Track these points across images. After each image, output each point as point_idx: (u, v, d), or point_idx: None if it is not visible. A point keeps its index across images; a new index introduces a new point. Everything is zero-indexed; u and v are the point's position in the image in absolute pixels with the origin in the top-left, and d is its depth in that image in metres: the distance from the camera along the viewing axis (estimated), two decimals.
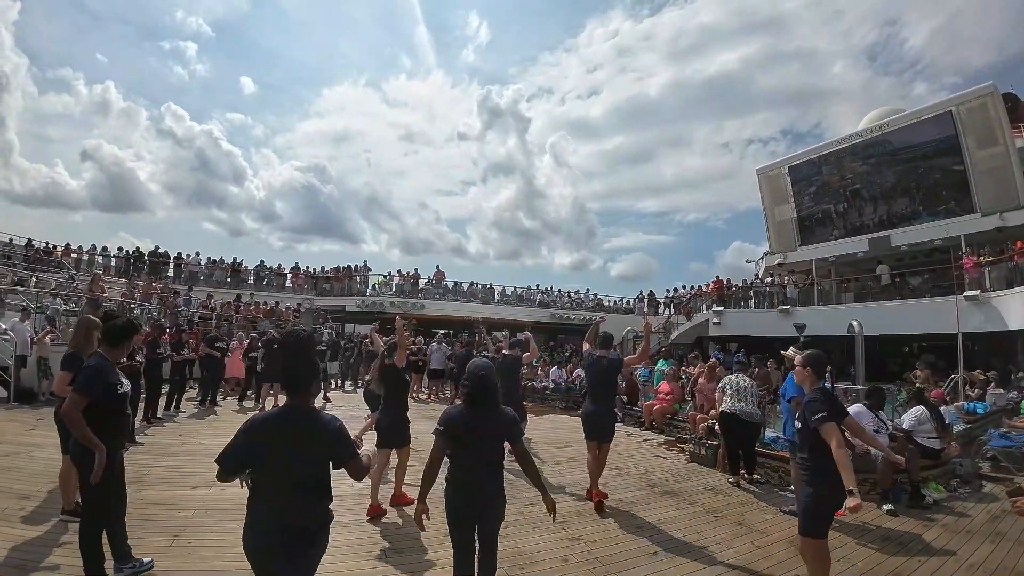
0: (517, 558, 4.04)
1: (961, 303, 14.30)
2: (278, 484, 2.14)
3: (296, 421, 2.20)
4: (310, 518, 2.17)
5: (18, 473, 5.39)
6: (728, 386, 6.75)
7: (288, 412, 2.24)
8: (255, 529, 2.14)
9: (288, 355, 2.38)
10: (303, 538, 2.14)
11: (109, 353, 3.42)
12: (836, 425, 3.17)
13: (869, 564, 4.21)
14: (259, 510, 2.15)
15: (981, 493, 6.37)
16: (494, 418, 2.94)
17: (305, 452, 2.16)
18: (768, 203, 24.31)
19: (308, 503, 2.18)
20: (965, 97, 17.44)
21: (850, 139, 20.97)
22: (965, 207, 17.47)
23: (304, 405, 2.27)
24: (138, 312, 14.91)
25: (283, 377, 2.38)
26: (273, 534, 2.11)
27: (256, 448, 2.16)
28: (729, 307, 22.11)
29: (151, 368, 8.42)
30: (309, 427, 2.20)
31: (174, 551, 3.77)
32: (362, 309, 23.98)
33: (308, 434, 2.18)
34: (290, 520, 2.12)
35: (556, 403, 13.08)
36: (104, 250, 21.88)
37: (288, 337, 2.49)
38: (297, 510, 2.14)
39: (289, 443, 2.14)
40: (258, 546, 2.13)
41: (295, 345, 2.39)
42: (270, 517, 2.12)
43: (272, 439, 2.15)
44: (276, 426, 2.20)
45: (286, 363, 2.38)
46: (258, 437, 2.17)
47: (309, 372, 2.35)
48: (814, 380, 3.47)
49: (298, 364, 2.32)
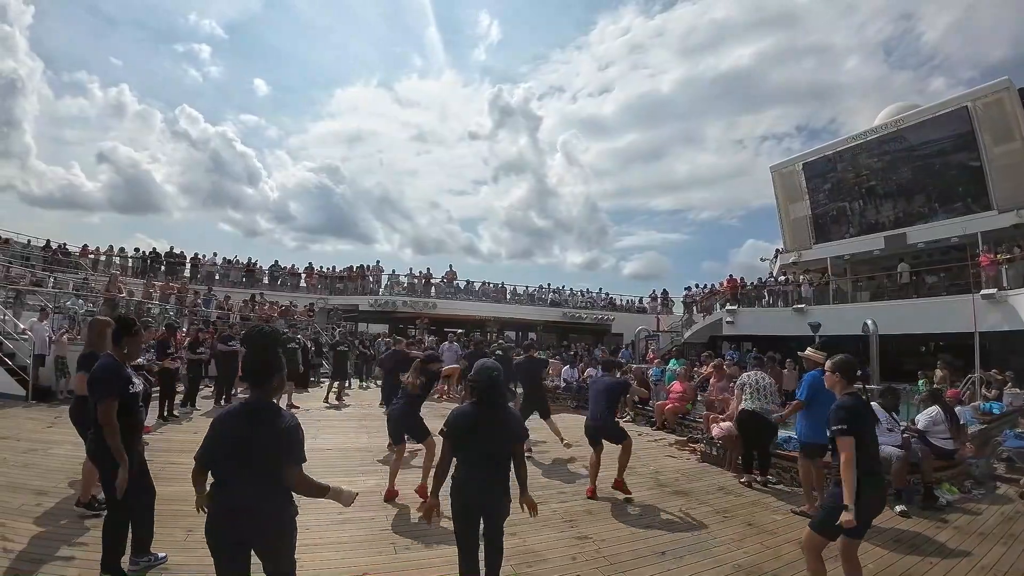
0: (526, 556, 4.06)
1: (978, 302, 14.10)
2: (233, 472, 2.24)
3: (255, 415, 2.29)
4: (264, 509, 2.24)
5: (36, 469, 5.50)
6: (747, 384, 6.66)
7: (246, 406, 2.34)
8: (212, 516, 2.26)
9: (252, 350, 2.47)
10: (257, 528, 2.24)
11: (116, 352, 3.50)
12: (853, 441, 3.09)
13: (881, 565, 4.18)
14: (217, 497, 2.27)
15: (995, 494, 6.29)
16: (502, 417, 2.98)
17: (262, 445, 2.23)
18: (782, 201, 24.15)
19: (263, 494, 2.24)
20: (981, 92, 17.25)
21: (865, 135, 20.80)
22: (982, 204, 17.29)
23: (265, 399, 2.36)
24: (156, 312, 15.12)
25: (246, 371, 2.47)
26: (228, 519, 2.22)
27: (219, 441, 2.27)
28: (743, 306, 21.97)
29: (164, 368, 8.55)
30: (268, 421, 2.28)
31: (188, 546, 3.83)
32: (375, 308, 24.14)
33: (267, 428, 2.27)
34: (243, 506, 2.20)
35: (567, 402, 13.05)
36: (121, 251, 22.20)
37: (252, 332, 2.57)
38: (251, 500, 2.21)
39: (247, 435, 2.23)
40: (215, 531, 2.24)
41: (259, 340, 2.47)
42: (226, 503, 2.23)
43: (232, 431, 2.25)
44: (237, 419, 2.30)
45: (249, 357, 2.50)
46: (221, 430, 2.28)
47: (272, 367, 2.42)
48: (844, 385, 3.40)
49: (261, 359, 2.41)
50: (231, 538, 2.23)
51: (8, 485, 4.92)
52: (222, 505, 2.25)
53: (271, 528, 2.28)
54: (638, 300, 30.77)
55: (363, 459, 6.77)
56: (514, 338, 24.30)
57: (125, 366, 3.49)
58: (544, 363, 7.60)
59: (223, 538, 2.24)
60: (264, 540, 2.27)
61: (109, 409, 3.18)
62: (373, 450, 7.23)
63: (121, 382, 3.33)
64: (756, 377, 6.69)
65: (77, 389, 4.21)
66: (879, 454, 3.37)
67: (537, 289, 28.47)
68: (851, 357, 3.56)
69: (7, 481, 5.00)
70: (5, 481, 5.04)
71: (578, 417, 11.18)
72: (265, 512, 2.25)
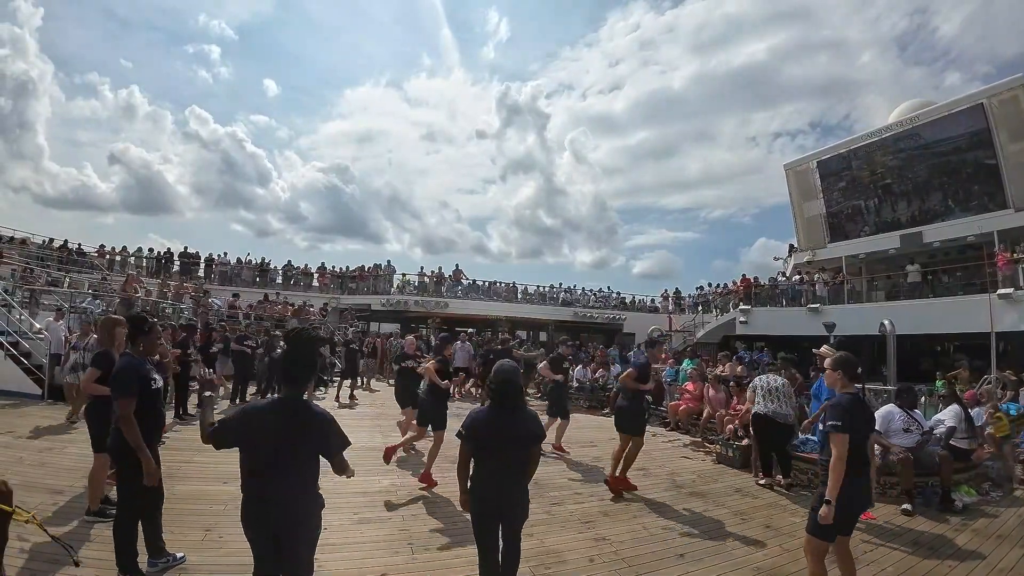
0: (544, 557, 4.05)
1: (994, 301, 13.92)
2: (271, 466, 2.29)
3: (291, 411, 2.37)
4: (296, 501, 2.33)
5: (51, 468, 5.54)
6: (759, 387, 6.60)
7: (284, 402, 2.42)
8: (246, 506, 2.33)
9: (297, 351, 2.54)
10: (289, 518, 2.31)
11: (134, 351, 3.55)
12: (846, 438, 3.11)
13: (899, 568, 4.13)
14: (249, 488, 2.33)
15: (1013, 496, 6.21)
16: (519, 418, 2.96)
17: (296, 441, 2.33)
18: (796, 199, 23.92)
19: (298, 487, 2.33)
20: (997, 89, 17.01)
21: (880, 133, 20.57)
22: (998, 202, 17.05)
23: (300, 397, 2.46)
24: (170, 311, 15.22)
25: (286, 370, 2.53)
26: (261, 512, 2.30)
27: (248, 431, 2.34)
28: (756, 306, 21.81)
29: (180, 366, 8.60)
30: (303, 418, 2.38)
31: (206, 545, 3.85)
32: (387, 308, 24.21)
33: (305, 422, 2.37)
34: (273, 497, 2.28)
35: (580, 402, 13.01)
36: (138, 251, 22.40)
37: (297, 334, 2.63)
38: (285, 491, 2.30)
39: (281, 432, 2.30)
40: (249, 520, 2.32)
41: (304, 342, 2.57)
42: (258, 494, 2.30)
43: (269, 425, 2.32)
44: (271, 414, 2.36)
45: (293, 358, 2.54)
46: (252, 421, 2.36)
47: (313, 367, 2.60)
48: (845, 383, 3.40)
49: (305, 359, 2.55)
50: (266, 528, 2.30)
51: (24, 484, 4.93)
52: (256, 495, 2.31)
53: (303, 520, 2.35)
54: (650, 300, 30.70)
55: (378, 459, 6.75)
56: (525, 337, 24.29)
57: (145, 363, 3.52)
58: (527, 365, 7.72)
59: (259, 528, 2.31)
60: (295, 532, 2.32)
61: (127, 406, 3.23)
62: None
63: (141, 380, 3.37)
64: (767, 380, 6.62)
65: (86, 387, 4.24)
66: (868, 453, 3.40)
67: (548, 288, 28.48)
68: (851, 355, 3.57)
69: (23, 480, 5.02)
70: (21, 480, 5.05)
71: (591, 417, 11.22)
72: (300, 504, 2.33)
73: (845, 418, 3.15)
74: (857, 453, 3.17)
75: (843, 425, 3.13)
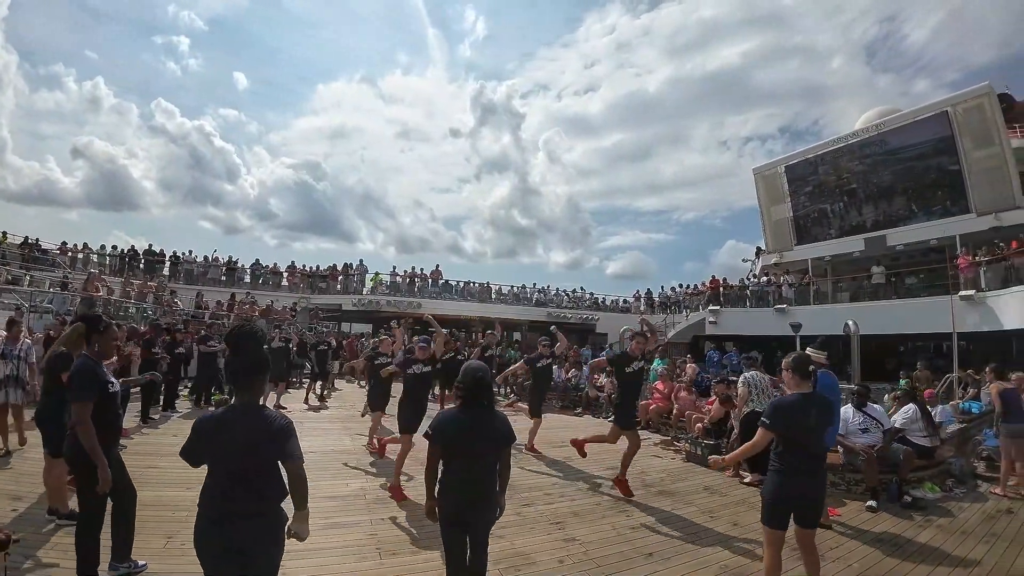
0: (514, 559, 4.03)
1: (956, 303, 14.35)
2: (221, 480, 2.17)
3: (244, 418, 2.22)
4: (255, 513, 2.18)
5: (10, 473, 5.37)
6: (752, 384, 6.62)
7: (236, 410, 2.26)
8: (200, 525, 2.18)
9: (238, 350, 2.35)
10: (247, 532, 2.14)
11: (91, 352, 3.44)
12: (768, 434, 3.37)
13: (865, 564, 4.22)
14: (204, 505, 2.19)
15: (976, 493, 6.38)
16: (489, 421, 2.91)
17: (252, 452, 2.17)
18: (765, 202, 24.34)
19: (257, 501, 2.19)
20: (961, 97, 17.49)
21: (846, 139, 21.02)
22: (961, 207, 17.53)
23: (253, 402, 2.29)
24: (133, 311, 14.85)
25: (231, 373, 2.35)
26: (215, 528, 2.14)
27: (203, 444, 2.21)
28: (725, 306, 22.16)
29: (145, 368, 8.38)
30: (259, 424, 2.21)
31: (168, 552, 3.76)
32: (359, 308, 23.92)
33: (259, 430, 2.19)
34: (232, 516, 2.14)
35: (553, 403, 13.00)
36: (101, 248, 21.81)
37: (236, 331, 2.44)
38: (244, 506, 2.15)
39: (234, 443, 2.16)
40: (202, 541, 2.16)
41: (244, 340, 2.36)
42: (215, 513, 2.15)
43: (222, 436, 2.18)
44: (225, 423, 2.22)
45: (235, 358, 2.35)
46: (202, 434, 2.21)
47: (259, 367, 2.35)
48: (797, 383, 3.50)
49: (248, 360, 2.32)
50: (222, 545, 2.13)
51: None
52: (210, 513, 2.16)
53: (265, 536, 2.20)
54: (622, 300, 30.92)
55: (346, 462, 6.68)
56: (499, 338, 24.23)
57: (101, 366, 3.42)
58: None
59: (213, 546, 2.15)
60: (256, 548, 2.17)
61: (84, 410, 3.12)
62: (356, 453, 7.16)
63: (98, 383, 3.27)
64: (758, 377, 6.67)
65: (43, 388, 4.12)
66: (821, 453, 3.54)
67: (522, 289, 28.48)
68: (806, 356, 3.73)
69: None
70: None
71: (563, 417, 11.24)
72: (260, 519, 2.19)
73: (774, 418, 3.36)
74: (801, 452, 3.32)
75: (770, 424, 3.35)
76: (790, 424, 3.32)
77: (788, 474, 3.28)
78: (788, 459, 3.29)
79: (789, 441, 3.32)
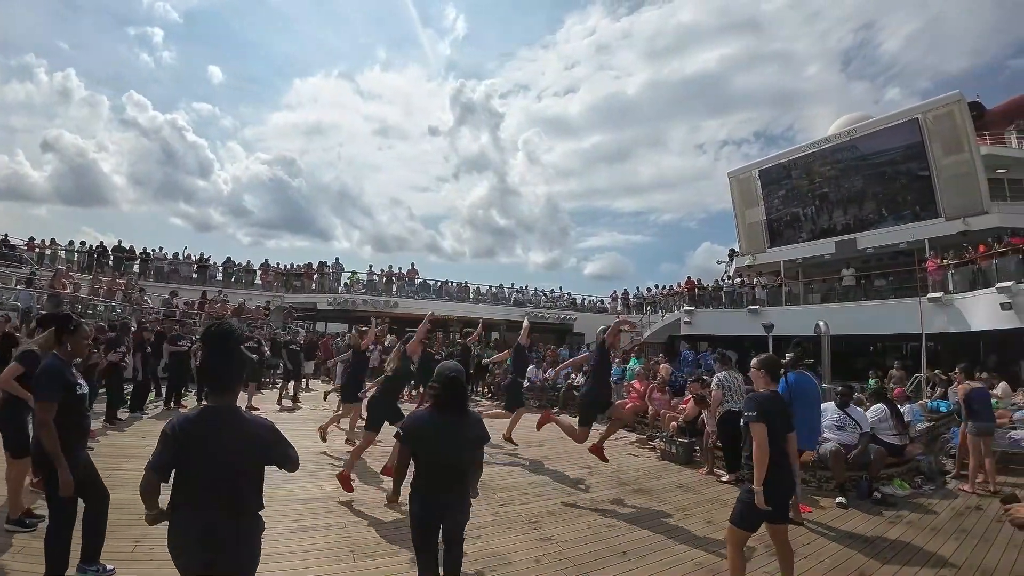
0: (489, 559, 4.01)
1: (925, 305, 14.69)
2: (198, 489, 2.04)
3: (221, 422, 2.09)
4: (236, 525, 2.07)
5: None
6: (727, 385, 6.62)
7: (210, 412, 2.13)
8: (177, 536, 2.05)
9: (214, 349, 2.24)
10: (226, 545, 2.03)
11: (61, 352, 3.34)
12: (764, 427, 3.29)
13: (836, 560, 4.28)
14: (181, 516, 2.05)
15: (945, 490, 6.52)
16: (462, 422, 2.88)
17: (228, 457, 2.05)
18: (739, 205, 24.70)
19: (236, 510, 2.08)
20: (932, 105, 17.92)
21: (819, 144, 21.41)
22: (930, 212, 17.96)
23: (230, 404, 2.17)
24: (101, 309, 14.50)
25: (206, 373, 2.24)
26: (195, 541, 2.01)
27: (180, 452, 2.04)
28: (700, 307, 22.47)
29: (112, 367, 8.20)
30: (235, 428, 2.10)
31: (136, 557, 3.66)
32: (334, 307, 23.59)
33: (234, 436, 2.08)
34: (211, 527, 2.01)
35: (531, 401, 12.98)
36: (69, 244, 21.25)
37: (212, 330, 2.30)
38: (222, 517, 2.03)
39: (213, 445, 2.03)
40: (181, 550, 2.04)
41: (220, 339, 2.23)
42: (193, 524, 2.02)
43: (195, 441, 2.04)
44: (198, 428, 2.08)
45: (210, 358, 2.25)
46: (180, 440, 2.04)
47: (236, 367, 2.24)
48: (767, 382, 3.58)
49: (225, 359, 2.21)
50: (199, 560, 2.01)
51: None
52: (187, 524, 2.03)
53: (241, 549, 2.08)
54: (600, 300, 31.07)
55: (321, 464, 6.60)
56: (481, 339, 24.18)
57: (70, 367, 3.32)
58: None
59: (194, 560, 2.02)
60: (233, 562, 2.06)
61: (47, 411, 3.02)
62: (331, 454, 7.06)
63: (65, 384, 3.18)
64: (731, 378, 6.72)
65: (4, 384, 3.99)
66: (791, 448, 3.59)
67: (500, 288, 28.43)
68: (776, 357, 3.82)
69: None
70: None
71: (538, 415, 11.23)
72: (237, 531, 2.07)
73: (758, 409, 3.35)
74: (775, 445, 3.34)
75: (758, 415, 3.33)
76: (772, 417, 3.35)
77: (777, 469, 3.28)
78: (772, 455, 3.28)
79: (770, 435, 3.32)
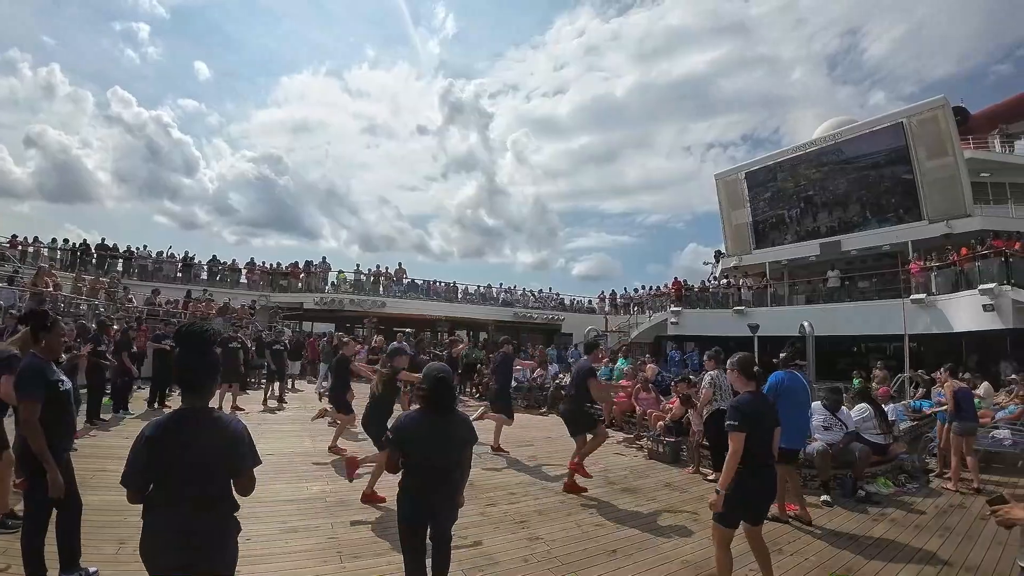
0: (477, 559, 4.00)
1: (908, 306, 14.87)
2: (175, 492, 2.01)
3: (195, 424, 2.07)
4: (209, 526, 2.05)
5: None
6: (719, 384, 6.51)
7: (184, 415, 2.10)
8: (152, 539, 2.01)
9: (186, 350, 2.20)
10: (202, 547, 2.02)
11: (39, 350, 3.29)
12: (743, 436, 3.32)
13: (822, 558, 4.31)
14: (156, 519, 2.03)
15: (928, 488, 6.61)
16: (450, 422, 2.89)
17: (207, 457, 2.03)
18: (725, 207, 24.94)
19: (210, 513, 2.06)
20: (917, 109, 18.21)
21: (805, 147, 21.67)
22: (913, 215, 18.25)
23: (202, 406, 2.14)
24: (84, 307, 14.32)
25: (180, 374, 2.19)
26: (171, 544, 1.98)
27: (153, 456, 2.00)
28: (687, 308, 22.63)
29: (94, 366, 8.10)
30: (210, 429, 2.08)
31: (119, 559, 3.62)
32: (321, 307, 23.40)
33: (210, 437, 2.06)
34: (188, 528, 1.99)
35: (519, 402, 12.99)
36: (52, 241, 20.94)
37: (184, 330, 2.28)
38: (196, 519, 2.01)
39: (187, 448, 2.01)
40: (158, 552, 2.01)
41: (192, 339, 2.21)
42: (168, 526, 2.00)
43: (170, 446, 2.01)
44: (173, 432, 2.04)
45: (183, 359, 2.21)
46: (153, 444, 2.00)
47: (210, 369, 2.21)
48: (744, 382, 3.61)
49: (197, 360, 2.18)
50: (175, 563, 1.98)
51: None
52: (163, 527, 2.00)
53: (218, 550, 2.06)
54: (587, 301, 31.17)
55: (307, 464, 6.55)
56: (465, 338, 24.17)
57: (50, 364, 3.27)
58: None
59: (166, 564, 1.99)
60: (210, 563, 2.04)
61: (32, 410, 2.99)
62: (317, 455, 7.02)
63: (47, 382, 3.13)
64: (723, 376, 6.69)
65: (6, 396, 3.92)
66: (772, 448, 3.58)
67: (488, 288, 28.41)
68: (751, 356, 3.79)
69: None
70: None
71: (529, 417, 11.28)
72: (213, 532, 2.05)
73: (740, 417, 3.36)
74: (759, 448, 3.39)
75: (739, 425, 3.34)
76: (754, 424, 3.37)
77: (749, 474, 3.32)
78: (748, 459, 3.32)
79: (750, 440, 3.35)
